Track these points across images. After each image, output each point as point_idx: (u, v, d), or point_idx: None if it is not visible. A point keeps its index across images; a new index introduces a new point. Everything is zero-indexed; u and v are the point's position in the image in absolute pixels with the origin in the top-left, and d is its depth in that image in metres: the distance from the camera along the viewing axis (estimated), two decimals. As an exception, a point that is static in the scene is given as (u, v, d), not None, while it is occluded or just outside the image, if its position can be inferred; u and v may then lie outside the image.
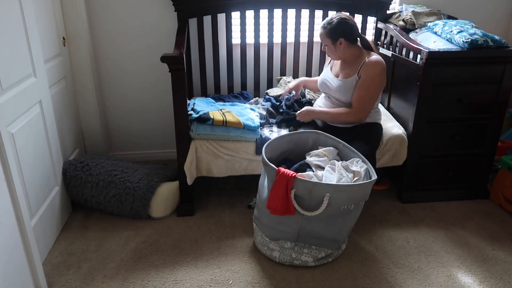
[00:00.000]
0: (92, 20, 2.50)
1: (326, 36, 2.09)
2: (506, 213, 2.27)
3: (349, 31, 2.07)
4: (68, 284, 1.74)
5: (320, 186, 1.65)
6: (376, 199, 2.35)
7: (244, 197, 2.39)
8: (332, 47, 2.09)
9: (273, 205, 1.72)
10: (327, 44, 2.11)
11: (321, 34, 2.12)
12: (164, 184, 2.23)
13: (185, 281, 1.76)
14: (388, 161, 2.23)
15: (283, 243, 1.84)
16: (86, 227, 2.13)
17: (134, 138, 2.83)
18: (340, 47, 2.08)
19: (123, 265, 1.85)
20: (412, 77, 2.16)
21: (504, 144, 2.54)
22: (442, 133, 2.22)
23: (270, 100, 2.49)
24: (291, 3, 2.57)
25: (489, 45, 2.07)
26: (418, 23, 2.45)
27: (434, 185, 2.35)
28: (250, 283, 1.75)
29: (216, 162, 2.14)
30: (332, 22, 2.06)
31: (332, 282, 1.76)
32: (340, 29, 2.05)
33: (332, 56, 2.17)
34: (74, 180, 2.14)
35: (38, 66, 1.89)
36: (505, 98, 2.18)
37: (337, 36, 2.06)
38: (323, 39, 2.12)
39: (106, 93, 2.69)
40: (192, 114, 2.10)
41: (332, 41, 2.08)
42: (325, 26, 2.08)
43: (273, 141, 1.98)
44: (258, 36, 2.61)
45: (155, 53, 2.56)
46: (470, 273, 1.82)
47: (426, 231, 2.10)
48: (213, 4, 2.49)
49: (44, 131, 1.95)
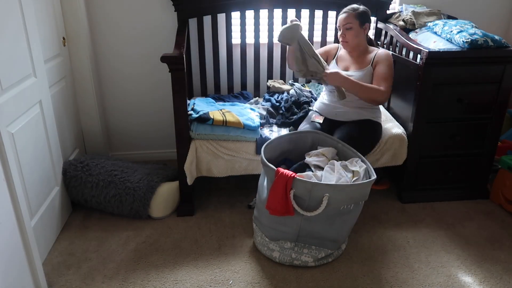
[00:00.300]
0: (92, 20, 2.50)
1: (356, 18, 2.10)
2: (506, 213, 2.27)
3: (370, 21, 2.17)
4: (68, 284, 1.75)
5: (319, 186, 1.65)
6: (376, 199, 2.35)
7: (244, 197, 2.40)
8: (359, 29, 2.12)
9: (273, 205, 1.72)
10: (352, 27, 2.11)
11: (349, 16, 2.11)
12: (164, 184, 2.23)
13: (185, 281, 1.76)
14: (388, 161, 2.23)
15: (283, 243, 1.84)
16: (86, 227, 2.13)
17: (134, 138, 2.83)
18: (364, 32, 2.15)
19: (123, 265, 1.85)
20: (412, 77, 2.16)
21: (504, 144, 2.54)
22: (442, 133, 2.22)
23: (270, 100, 2.50)
24: (291, 3, 2.57)
25: (489, 45, 2.07)
26: (418, 23, 2.45)
27: (434, 185, 2.35)
28: (250, 283, 1.75)
29: (216, 162, 2.14)
30: (359, 8, 2.12)
31: (332, 282, 1.76)
32: (368, 15, 2.14)
33: (351, 41, 2.14)
34: (74, 180, 2.15)
35: (38, 66, 1.89)
36: (505, 98, 2.18)
37: (365, 20, 2.13)
38: (351, 20, 2.10)
39: (106, 93, 2.70)
40: (192, 114, 2.10)
41: (360, 24, 2.11)
42: (354, 8, 2.12)
43: (273, 141, 1.99)
44: (258, 36, 2.61)
45: (155, 53, 2.56)
46: (470, 273, 1.82)
47: (426, 231, 2.10)
48: (213, 4, 2.49)
49: (44, 131, 1.95)
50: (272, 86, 2.62)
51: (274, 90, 2.61)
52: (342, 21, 2.13)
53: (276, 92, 2.59)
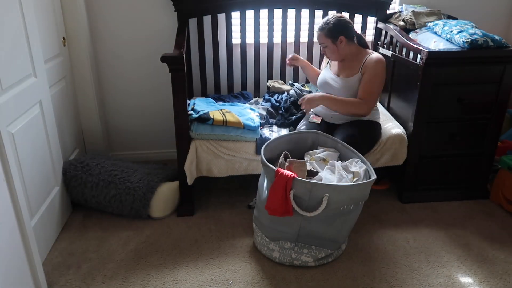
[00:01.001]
0: (92, 20, 2.50)
1: (326, 36, 2.09)
2: (506, 213, 2.27)
3: (347, 29, 2.09)
4: (68, 284, 1.75)
5: (319, 186, 1.65)
6: (376, 199, 2.35)
7: (244, 197, 2.39)
8: (333, 46, 2.10)
9: (272, 205, 1.72)
10: (326, 45, 2.11)
11: (319, 36, 2.12)
12: (164, 184, 2.23)
13: (185, 281, 1.76)
14: (388, 161, 2.23)
15: (283, 244, 1.84)
16: (86, 227, 2.13)
17: (134, 138, 2.83)
18: (341, 45, 2.09)
19: (123, 265, 1.85)
20: (412, 77, 2.16)
21: (504, 144, 2.54)
22: (442, 133, 2.22)
23: (270, 101, 2.50)
24: (291, 3, 2.57)
25: (489, 45, 2.07)
26: (418, 23, 2.45)
27: (434, 185, 2.35)
28: (250, 283, 1.75)
29: (216, 162, 2.14)
30: (329, 22, 2.07)
31: (332, 282, 1.76)
32: (339, 27, 2.07)
33: (332, 57, 2.17)
34: (74, 180, 2.15)
35: (38, 66, 1.89)
36: (505, 98, 2.18)
37: (337, 35, 2.07)
38: (323, 40, 2.12)
39: (106, 93, 2.70)
40: (192, 114, 2.10)
41: (332, 41, 2.08)
42: (323, 27, 2.09)
43: (273, 141, 1.99)
44: (258, 36, 2.61)
45: (155, 53, 2.56)
46: (470, 273, 1.82)
47: (426, 231, 2.10)
48: (213, 4, 2.49)
49: (44, 131, 1.95)
50: (272, 86, 2.62)
51: (274, 90, 2.61)
52: (318, 40, 2.15)
53: (276, 92, 2.59)
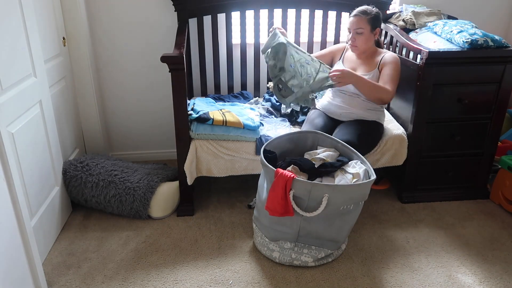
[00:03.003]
0: (92, 20, 2.50)
1: (368, 22, 2.06)
2: (506, 213, 2.27)
3: (381, 25, 2.13)
4: (68, 284, 1.75)
5: (318, 186, 1.65)
6: (376, 199, 2.35)
7: (244, 197, 2.40)
8: (370, 35, 2.09)
9: (272, 206, 1.72)
10: (363, 32, 2.07)
11: (360, 20, 2.06)
12: (164, 184, 2.23)
13: (185, 281, 1.76)
14: (388, 161, 2.23)
15: (283, 244, 1.84)
16: (86, 227, 2.13)
17: (134, 138, 2.83)
18: (374, 37, 2.12)
19: (123, 265, 1.85)
20: (412, 77, 2.16)
21: (504, 144, 2.54)
22: (442, 133, 2.22)
23: (270, 100, 2.50)
24: (291, 3, 2.57)
25: (489, 45, 2.07)
26: (418, 23, 2.45)
27: (434, 185, 2.35)
28: (250, 283, 1.75)
29: (216, 162, 2.14)
30: (372, 11, 2.07)
31: (332, 282, 1.76)
32: (380, 19, 2.10)
33: (361, 46, 2.11)
34: (74, 180, 2.15)
35: (38, 66, 1.89)
36: (505, 98, 2.18)
37: (377, 24, 2.10)
38: (363, 25, 2.06)
39: (106, 93, 2.70)
40: (192, 114, 2.10)
41: (371, 28, 2.08)
42: (366, 12, 2.06)
43: (273, 141, 1.99)
44: (258, 36, 2.61)
45: (155, 53, 2.56)
46: (470, 273, 1.82)
47: (426, 231, 2.10)
48: (213, 4, 2.49)
49: (44, 131, 1.95)
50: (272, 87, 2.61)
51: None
52: (353, 25, 2.08)
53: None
